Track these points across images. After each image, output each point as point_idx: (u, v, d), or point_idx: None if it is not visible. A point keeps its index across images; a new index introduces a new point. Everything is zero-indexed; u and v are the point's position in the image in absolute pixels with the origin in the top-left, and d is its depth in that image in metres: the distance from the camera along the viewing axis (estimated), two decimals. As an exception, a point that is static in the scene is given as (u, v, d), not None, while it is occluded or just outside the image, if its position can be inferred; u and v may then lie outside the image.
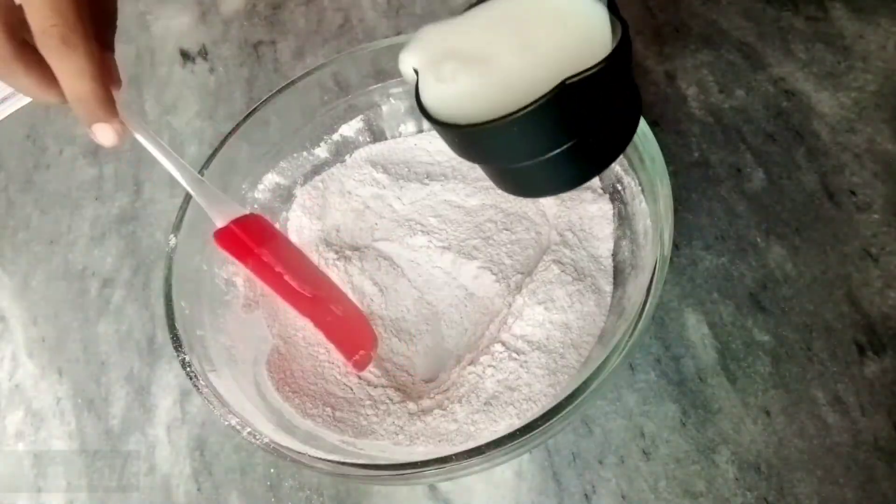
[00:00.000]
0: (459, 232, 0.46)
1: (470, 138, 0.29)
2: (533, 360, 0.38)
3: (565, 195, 0.45)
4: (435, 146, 0.50)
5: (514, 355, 0.38)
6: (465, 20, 0.30)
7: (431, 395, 0.39)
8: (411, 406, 0.39)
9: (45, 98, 0.30)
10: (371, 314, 0.44)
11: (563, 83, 0.25)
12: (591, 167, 0.32)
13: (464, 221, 0.46)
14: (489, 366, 0.38)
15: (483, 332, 0.41)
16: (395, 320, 0.43)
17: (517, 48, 0.28)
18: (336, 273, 0.45)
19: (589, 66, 0.25)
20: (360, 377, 0.41)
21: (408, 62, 0.31)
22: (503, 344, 0.39)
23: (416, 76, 0.31)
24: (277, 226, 0.48)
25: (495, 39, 0.29)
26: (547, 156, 0.28)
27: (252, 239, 0.39)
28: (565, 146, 0.28)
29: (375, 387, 0.40)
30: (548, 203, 0.45)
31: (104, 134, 0.31)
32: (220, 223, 0.39)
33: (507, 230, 0.45)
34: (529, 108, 0.25)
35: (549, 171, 0.31)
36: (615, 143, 0.31)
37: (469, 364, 0.39)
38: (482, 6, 0.30)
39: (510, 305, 0.41)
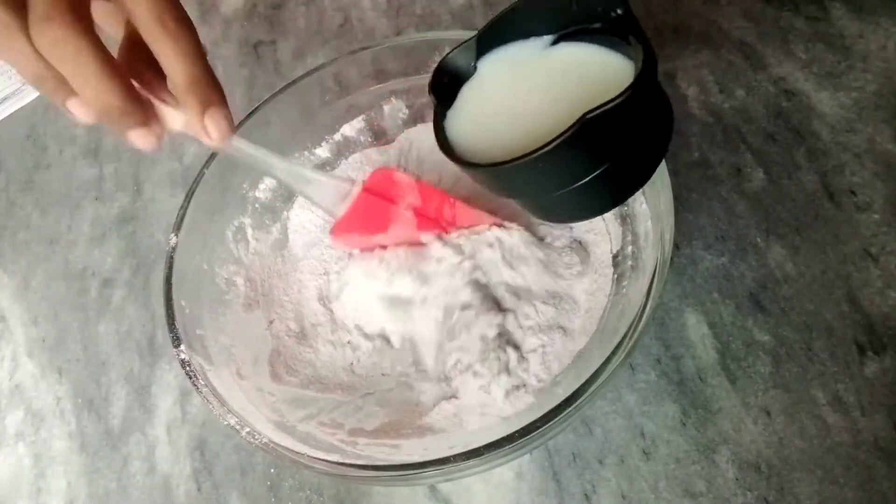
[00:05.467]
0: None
1: (494, 176, 0.30)
2: (532, 361, 0.38)
3: None
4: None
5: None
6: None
7: (433, 394, 0.39)
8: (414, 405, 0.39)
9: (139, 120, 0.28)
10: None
11: (582, 118, 0.26)
12: (627, 186, 0.32)
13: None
14: (489, 366, 0.38)
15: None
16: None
17: (543, 96, 0.30)
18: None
19: (610, 96, 0.26)
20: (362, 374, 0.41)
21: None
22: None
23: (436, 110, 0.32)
24: (278, 225, 0.48)
25: (520, 91, 0.31)
26: (573, 186, 0.29)
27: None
28: (593, 176, 0.29)
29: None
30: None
31: (216, 123, 0.28)
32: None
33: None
34: (550, 146, 0.26)
35: (580, 199, 0.31)
36: (647, 161, 0.32)
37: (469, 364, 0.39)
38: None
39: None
